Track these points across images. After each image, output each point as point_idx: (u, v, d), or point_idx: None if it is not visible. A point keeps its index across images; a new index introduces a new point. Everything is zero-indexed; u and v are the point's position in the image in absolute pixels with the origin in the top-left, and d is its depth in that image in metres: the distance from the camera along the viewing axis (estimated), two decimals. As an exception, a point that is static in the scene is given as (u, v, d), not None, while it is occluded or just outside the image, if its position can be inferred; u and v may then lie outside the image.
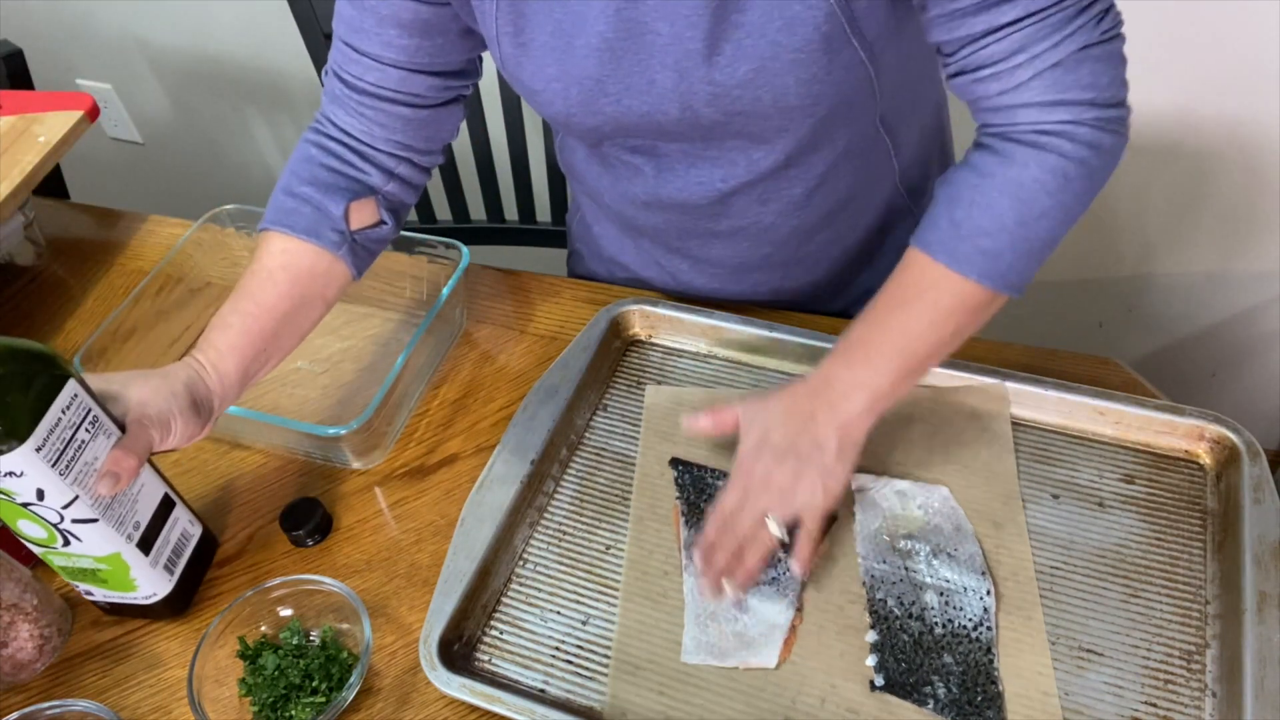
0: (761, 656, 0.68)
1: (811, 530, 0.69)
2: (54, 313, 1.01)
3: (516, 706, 0.64)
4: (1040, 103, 0.64)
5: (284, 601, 0.71)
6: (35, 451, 0.60)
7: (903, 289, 0.70)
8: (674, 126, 0.75)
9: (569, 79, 0.74)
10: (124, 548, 0.68)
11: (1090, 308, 1.63)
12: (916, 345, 0.69)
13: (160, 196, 2.16)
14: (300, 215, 0.77)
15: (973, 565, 0.70)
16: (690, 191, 0.82)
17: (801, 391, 0.71)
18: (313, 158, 0.80)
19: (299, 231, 0.77)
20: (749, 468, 0.70)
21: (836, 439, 0.69)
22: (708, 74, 0.70)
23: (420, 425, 0.86)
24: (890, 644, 0.67)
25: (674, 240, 0.90)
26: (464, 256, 0.89)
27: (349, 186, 0.79)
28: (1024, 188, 0.65)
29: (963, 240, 0.66)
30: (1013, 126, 0.66)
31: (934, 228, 0.68)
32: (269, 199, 0.79)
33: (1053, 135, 0.65)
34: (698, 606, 0.71)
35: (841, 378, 0.70)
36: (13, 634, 0.71)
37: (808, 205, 0.83)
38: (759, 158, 0.78)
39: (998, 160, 0.66)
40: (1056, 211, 0.66)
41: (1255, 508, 0.69)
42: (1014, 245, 0.66)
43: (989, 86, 0.66)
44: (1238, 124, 1.31)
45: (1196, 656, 0.66)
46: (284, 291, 0.76)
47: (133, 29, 1.83)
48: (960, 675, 0.65)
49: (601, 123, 0.77)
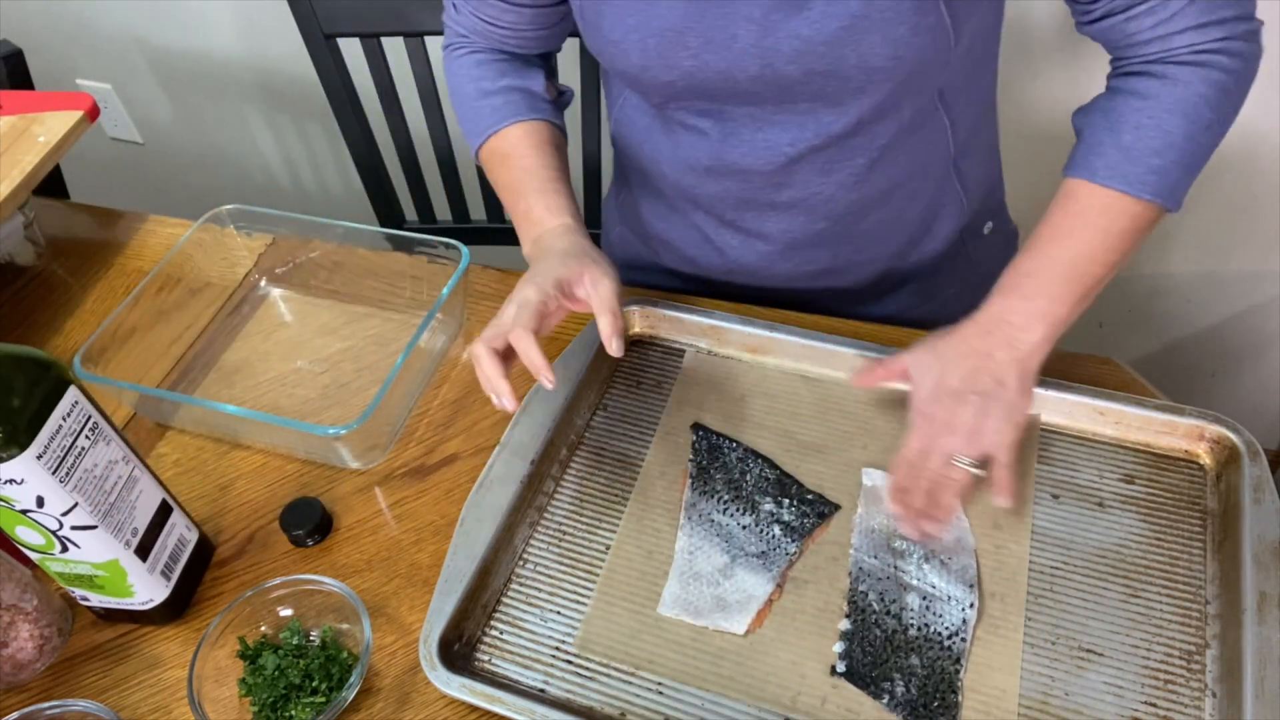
0: (732, 623, 0.69)
1: (1008, 462, 0.70)
2: (54, 313, 1.01)
3: (516, 706, 0.64)
4: (1196, 25, 0.68)
5: (284, 601, 0.71)
6: (36, 459, 0.60)
7: (1070, 218, 0.72)
8: (749, 85, 0.75)
9: (648, 30, 0.74)
10: (122, 554, 0.68)
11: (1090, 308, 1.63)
12: (1092, 269, 0.71)
13: (160, 196, 2.16)
14: (512, 106, 0.86)
15: (963, 577, 0.70)
16: (755, 156, 0.82)
17: (972, 332, 0.73)
18: (483, 61, 0.88)
19: (524, 117, 0.86)
20: (930, 412, 0.72)
21: (1017, 372, 0.71)
22: (795, 28, 0.70)
23: (420, 425, 0.86)
24: (861, 635, 0.67)
25: (729, 212, 0.90)
26: (464, 256, 0.89)
27: (531, 68, 0.89)
28: (1190, 104, 0.69)
29: (1134, 163, 0.70)
30: (1169, 53, 0.70)
31: (1099, 154, 0.71)
32: (460, 110, 0.88)
33: (1211, 53, 0.69)
34: (684, 565, 0.72)
35: (1018, 310, 0.72)
36: (13, 634, 0.71)
37: (868, 179, 0.83)
38: (829, 121, 0.77)
39: (1160, 83, 0.70)
40: (1217, 124, 0.70)
41: (1255, 508, 0.69)
42: (1181, 160, 0.70)
43: (1142, 22, 0.69)
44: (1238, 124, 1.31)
45: (1196, 656, 0.66)
46: (552, 159, 0.85)
47: (133, 29, 1.83)
48: (923, 679, 0.65)
49: (676, 78, 0.77)
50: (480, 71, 0.88)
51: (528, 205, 0.83)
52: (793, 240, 0.90)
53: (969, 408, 0.70)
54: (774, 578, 0.71)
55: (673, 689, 0.67)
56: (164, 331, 0.92)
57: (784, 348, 0.85)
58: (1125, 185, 0.70)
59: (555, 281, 0.73)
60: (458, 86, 0.89)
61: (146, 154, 2.09)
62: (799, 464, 0.78)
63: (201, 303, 0.96)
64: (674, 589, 0.71)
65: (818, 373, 0.85)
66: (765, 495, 0.76)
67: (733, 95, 0.77)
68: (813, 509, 0.75)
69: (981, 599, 0.69)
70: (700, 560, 0.73)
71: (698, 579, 0.72)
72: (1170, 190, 0.70)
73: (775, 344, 0.85)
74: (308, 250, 0.98)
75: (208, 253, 0.96)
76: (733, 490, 0.76)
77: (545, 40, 0.90)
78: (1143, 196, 0.70)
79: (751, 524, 0.74)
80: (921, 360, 0.74)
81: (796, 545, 0.73)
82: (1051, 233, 0.73)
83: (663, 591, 0.71)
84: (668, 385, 0.85)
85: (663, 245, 0.99)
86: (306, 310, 0.98)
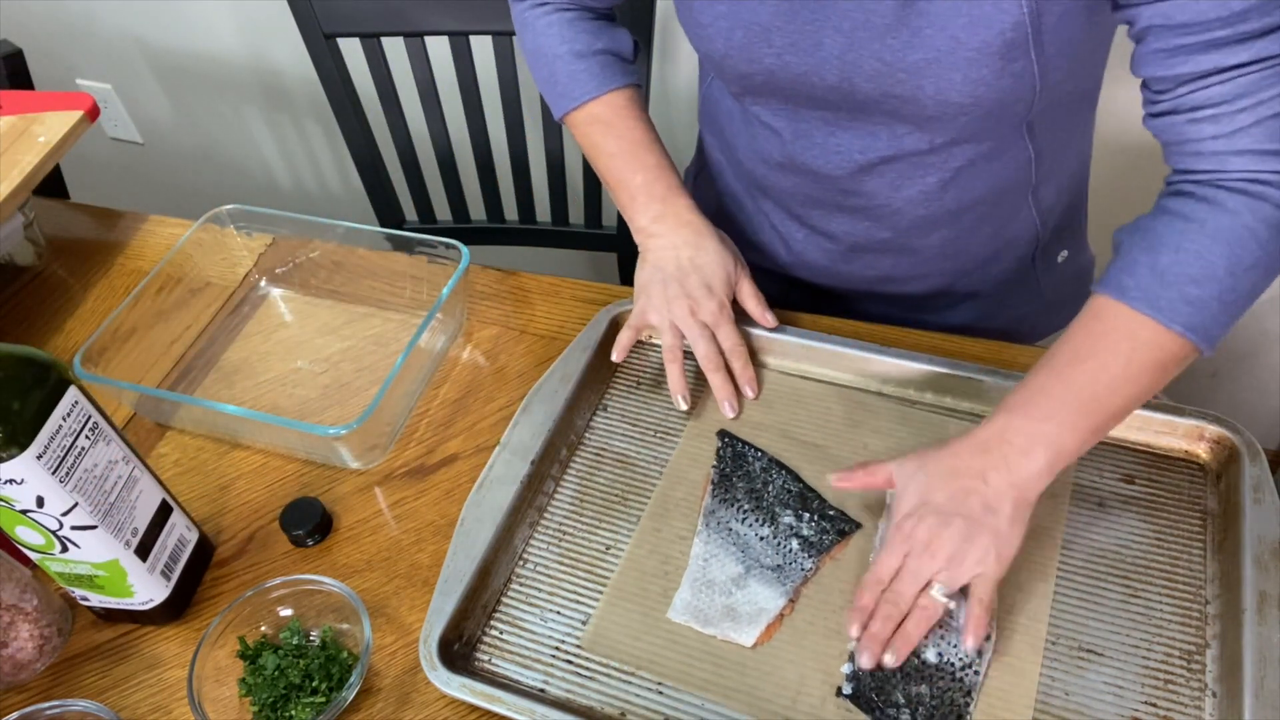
0: (741, 634, 0.68)
1: (984, 599, 0.64)
2: (54, 313, 1.01)
3: (516, 706, 0.64)
4: (1257, 150, 0.62)
5: (284, 601, 0.71)
6: (36, 459, 0.60)
7: (1092, 338, 0.65)
8: (826, 93, 0.75)
9: (736, 20, 0.74)
10: (122, 554, 0.68)
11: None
12: (1107, 400, 0.64)
13: (160, 196, 2.16)
14: (612, 69, 0.87)
15: None
16: (826, 160, 0.81)
17: (968, 449, 0.66)
18: (574, 20, 0.88)
19: (622, 80, 0.87)
20: (909, 530, 0.66)
21: (1011, 501, 0.64)
22: (878, 51, 0.69)
23: (420, 425, 0.86)
24: None
25: (797, 206, 0.90)
26: (464, 256, 0.89)
27: (617, 30, 0.89)
28: (1236, 235, 0.62)
29: (1168, 287, 0.63)
30: (1223, 174, 0.64)
31: (1131, 273, 0.64)
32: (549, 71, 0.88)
33: (1266, 185, 0.62)
34: (698, 571, 0.72)
35: (1021, 431, 0.65)
36: (13, 634, 0.71)
37: (939, 199, 0.82)
38: (903, 135, 0.76)
39: (1207, 207, 0.64)
40: (1266, 262, 0.63)
41: (1255, 508, 0.69)
42: (1221, 296, 0.63)
43: (1203, 129, 0.63)
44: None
45: (1196, 656, 0.66)
46: (653, 129, 0.88)
47: (133, 29, 1.83)
48: (931, 708, 0.64)
49: (755, 72, 0.76)
50: (573, 31, 0.87)
51: (647, 179, 0.86)
52: (856, 243, 0.89)
53: (953, 531, 0.64)
54: (787, 592, 0.70)
55: (673, 689, 0.66)
56: (164, 331, 0.92)
57: (785, 349, 0.85)
58: (1153, 311, 0.63)
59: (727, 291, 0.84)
60: (546, 46, 0.88)
61: (146, 154, 2.09)
62: (822, 478, 0.77)
63: (201, 303, 0.96)
64: (685, 595, 0.71)
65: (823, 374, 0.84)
66: (786, 508, 0.75)
67: (809, 99, 0.77)
68: (833, 526, 0.74)
69: (1000, 631, 0.67)
70: (714, 568, 0.72)
71: (710, 587, 0.71)
72: (1204, 327, 0.62)
73: (775, 345, 0.85)
74: (308, 250, 0.98)
75: (208, 253, 0.96)
76: (754, 500, 0.76)
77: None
78: (1173, 327, 0.62)
79: (769, 536, 0.74)
80: (908, 471, 0.68)
81: (813, 561, 0.72)
82: (1071, 350, 0.66)
83: (674, 596, 0.71)
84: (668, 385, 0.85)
85: (732, 228, 0.98)
86: (306, 310, 0.98)
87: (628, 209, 0.87)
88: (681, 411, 0.82)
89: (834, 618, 0.69)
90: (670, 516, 0.76)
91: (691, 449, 0.80)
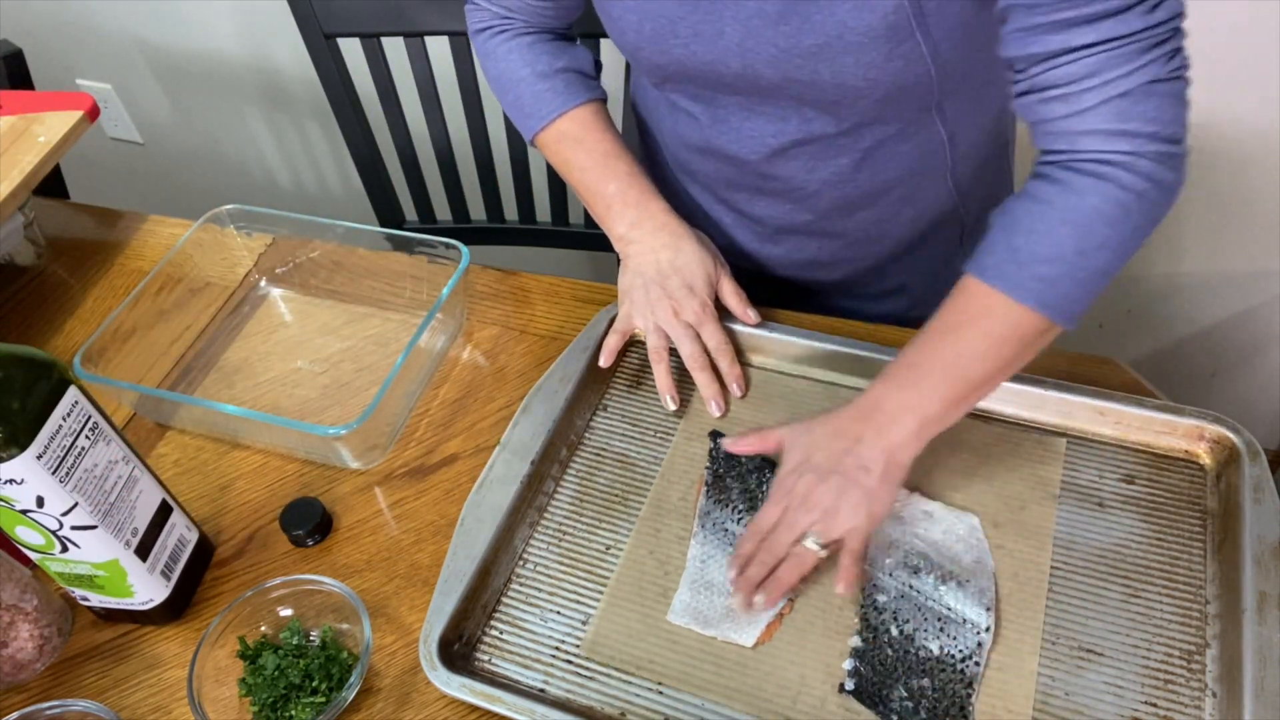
0: (741, 635, 0.69)
1: (856, 550, 0.68)
2: (54, 313, 1.01)
3: (516, 706, 0.64)
4: (1104, 131, 0.64)
5: (284, 601, 0.71)
6: (36, 459, 0.60)
7: (956, 314, 0.69)
8: (734, 80, 0.77)
9: (644, 13, 0.76)
10: (122, 554, 0.68)
11: (1090, 308, 1.63)
12: (968, 371, 0.68)
13: (160, 196, 2.16)
14: (575, 86, 0.88)
15: (980, 600, 0.69)
16: (741, 144, 0.83)
17: (848, 415, 0.70)
18: (531, 44, 0.89)
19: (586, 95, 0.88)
20: (790, 485, 0.70)
21: (883, 462, 0.68)
22: (773, 38, 0.72)
23: (420, 425, 0.86)
24: (872, 654, 0.67)
25: (722, 190, 0.92)
26: (464, 256, 0.89)
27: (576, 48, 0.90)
28: (1084, 216, 0.65)
29: (1021, 267, 0.66)
30: (1074, 154, 0.66)
31: (990, 253, 0.68)
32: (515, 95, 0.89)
33: (1113, 166, 0.64)
34: (696, 573, 0.72)
35: (891, 399, 0.69)
36: (13, 634, 0.71)
37: (853, 179, 0.84)
38: (811, 118, 0.79)
39: (1058, 189, 0.66)
40: (1115, 243, 0.65)
41: (1255, 508, 0.69)
42: (1072, 274, 0.65)
43: (1054, 108, 0.65)
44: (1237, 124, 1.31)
45: (1196, 656, 0.66)
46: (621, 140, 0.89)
47: (133, 29, 1.83)
48: (933, 701, 0.64)
49: (667, 63, 0.79)
50: (534, 54, 0.89)
51: (620, 187, 0.87)
52: (781, 226, 0.91)
53: (829, 487, 0.68)
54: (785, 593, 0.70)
55: (673, 690, 0.66)
56: (164, 331, 0.92)
57: (783, 348, 0.85)
58: (1008, 288, 0.66)
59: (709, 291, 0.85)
60: (509, 70, 0.90)
61: (146, 154, 2.09)
62: None
63: (201, 303, 0.96)
64: (684, 597, 0.71)
65: (815, 373, 0.85)
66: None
67: (721, 85, 0.79)
68: None
69: (998, 623, 0.68)
70: (712, 569, 0.72)
71: (709, 588, 0.71)
72: (1058, 304, 0.66)
73: (774, 344, 0.85)
74: (308, 250, 0.98)
75: (208, 253, 0.96)
76: (748, 500, 0.76)
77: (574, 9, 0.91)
78: (1025, 303, 0.66)
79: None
80: (795, 435, 0.72)
81: None
82: (939, 325, 0.70)
83: (673, 599, 0.71)
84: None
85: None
86: (306, 310, 0.98)
87: (604, 218, 0.89)
88: (673, 411, 0.82)
89: (834, 616, 0.69)
90: (668, 518, 0.76)
91: (685, 449, 0.80)
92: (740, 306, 0.85)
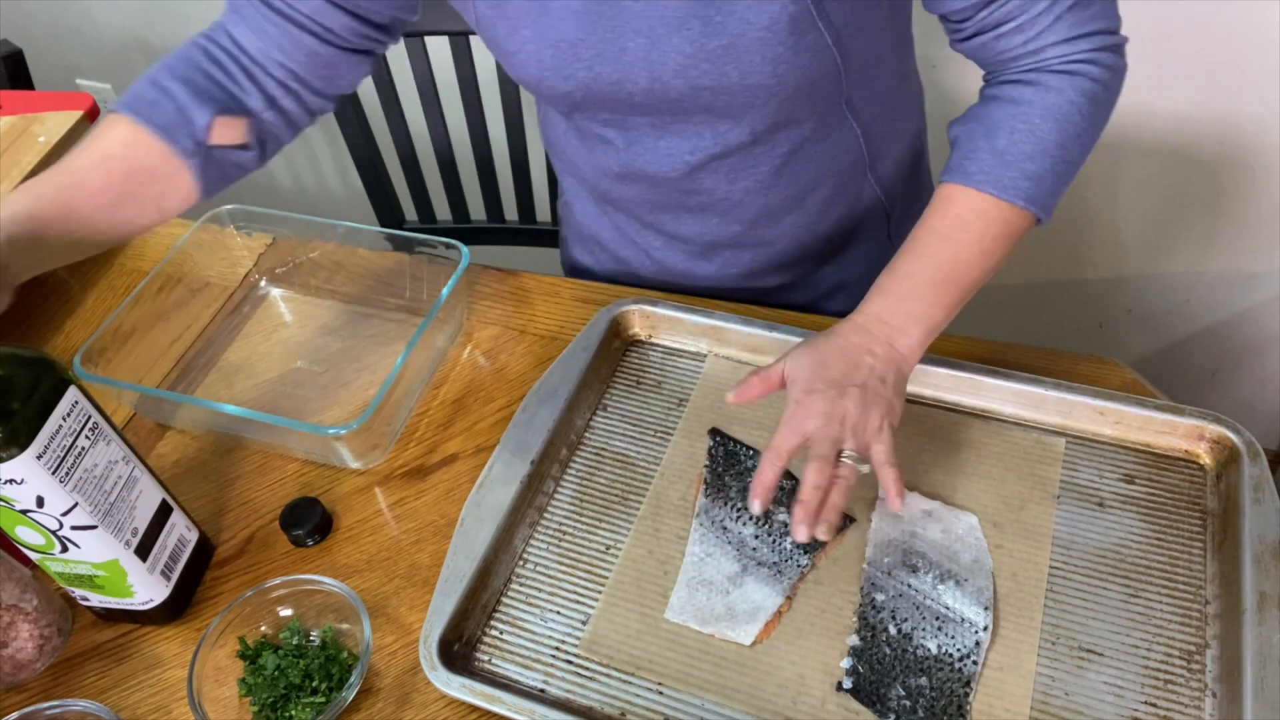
0: (739, 633, 0.69)
1: (890, 460, 0.67)
2: (54, 313, 1.01)
3: (516, 706, 0.64)
4: (1066, 39, 0.69)
5: (284, 601, 0.71)
6: (36, 459, 0.60)
7: (946, 221, 0.71)
8: (642, 97, 0.76)
9: (543, 41, 0.74)
10: (122, 554, 0.68)
11: (1090, 308, 1.63)
12: (967, 274, 0.70)
13: (160, 196, 2.16)
14: (160, 110, 0.73)
15: (978, 599, 0.69)
16: (660, 164, 0.83)
17: (850, 331, 0.71)
18: (195, 60, 0.77)
19: (154, 126, 0.73)
20: (810, 405, 0.68)
21: (895, 372, 0.69)
22: (678, 44, 0.71)
23: (420, 425, 0.86)
24: (870, 652, 0.67)
25: (646, 214, 0.91)
26: (464, 256, 0.89)
27: (224, 99, 0.76)
28: (1062, 111, 0.69)
29: (1009, 168, 0.69)
30: (1041, 64, 0.70)
31: (973, 160, 0.70)
32: (132, 85, 0.75)
33: (1081, 63, 0.70)
34: (694, 571, 0.72)
35: (895, 312, 0.70)
36: (13, 634, 0.71)
37: (775, 185, 0.84)
38: (725, 130, 0.78)
39: (1033, 90, 0.70)
40: (1089, 133, 0.70)
41: (1255, 508, 0.69)
42: (1054, 168, 0.70)
43: (1011, 40, 0.70)
44: (1238, 124, 1.31)
45: (1196, 656, 0.66)
46: (114, 182, 0.73)
47: (133, 29, 1.83)
48: (931, 699, 0.64)
49: (573, 89, 0.77)
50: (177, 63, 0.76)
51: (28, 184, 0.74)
52: (710, 242, 0.91)
53: (850, 400, 0.67)
54: (784, 590, 0.70)
55: (673, 689, 0.67)
56: (164, 331, 0.92)
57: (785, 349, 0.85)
58: (999, 190, 0.69)
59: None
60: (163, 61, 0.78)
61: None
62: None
63: (201, 303, 0.96)
64: (682, 595, 0.71)
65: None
66: (780, 505, 0.75)
67: (630, 106, 0.78)
68: None
69: (996, 623, 0.68)
70: (710, 567, 0.72)
71: (707, 586, 0.71)
72: (1043, 199, 0.70)
73: (776, 344, 0.85)
74: (308, 250, 0.98)
75: (208, 253, 0.96)
76: (747, 498, 0.76)
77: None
78: (1016, 202, 0.69)
79: (764, 534, 0.74)
80: (799, 359, 0.71)
81: (809, 558, 0.72)
82: (928, 234, 0.72)
83: (671, 597, 0.71)
84: (668, 386, 0.85)
85: (598, 246, 1.01)
86: (306, 310, 0.98)
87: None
88: (677, 410, 0.82)
89: (833, 614, 0.69)
90: (667, 517, 0.76)
91: (685, 449, 0.80)
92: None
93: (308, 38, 0.76)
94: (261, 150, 0.80)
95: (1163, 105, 1.32)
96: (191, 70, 0.76)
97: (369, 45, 0.81)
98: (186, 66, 0.76)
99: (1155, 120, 1.34)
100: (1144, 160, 1.39)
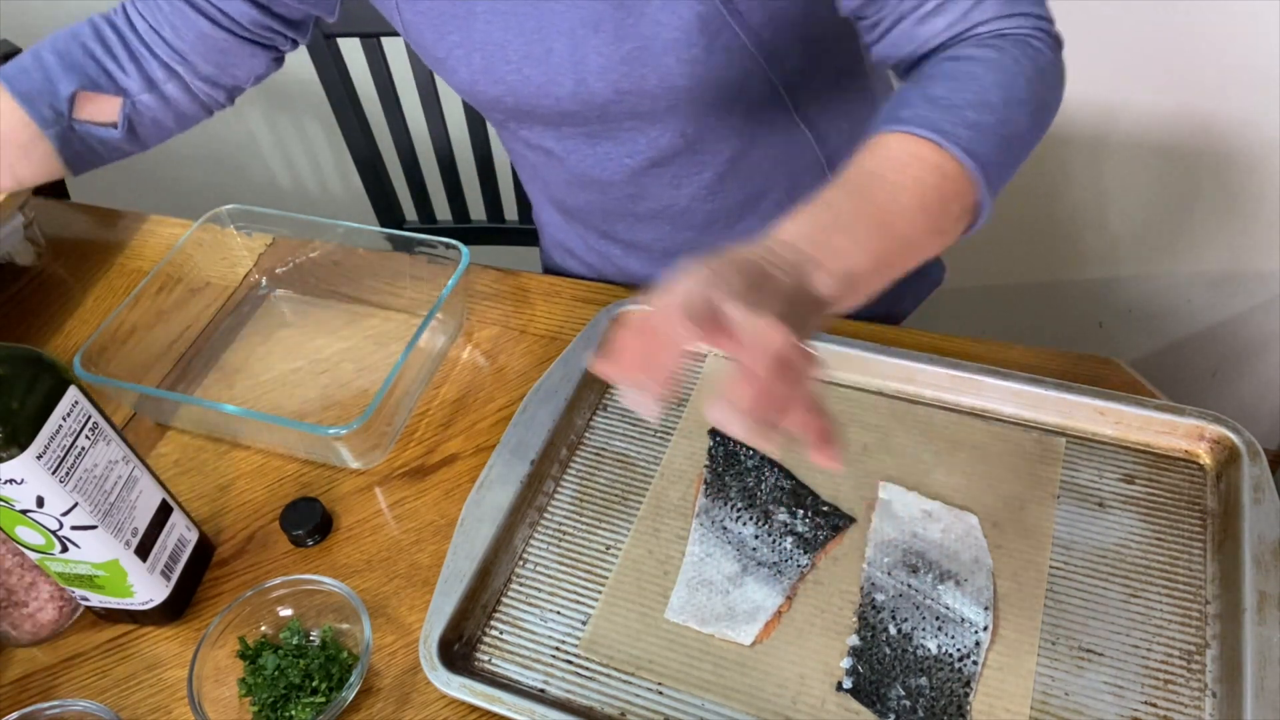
0: (739, 633, 0.68)
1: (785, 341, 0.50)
2: (54, 313, 1.01)
3: (516, 706, 0.64)
4: (998, 15, 0.64)
5: (284, 601, 0.71)
6: (36, 459, 0.60)
7: (876, 158, 0.58)
8: (569, 103, 0.75)
9: (471, 44, 0.74)
10: (122, 554, 0.68)
11: (1090, 308, 1.63)
12: (900, 226, 0.56)
13: (160, 196, 2.16)
14: (28, 78, 0.74)
15: (978, 599, 0.69)
16: (601, 167, 0.82)
17: (749, 250, 0.53)
18: (80, 35, 0.77)
19: (16, 93, 0.73)
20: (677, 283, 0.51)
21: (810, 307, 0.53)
22: (598, 46, 0.70)
23: (420, 425, 0.86)
24: (870, 652, 0.67)
25: (601, 223, 0.91)
26: (464, 256, 0.89)
27: (94, 74, 0.76)
28: (1006, 68, 0.62)
29: (946, 111, 0.58)
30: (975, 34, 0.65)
31: (907, 106, 0.60)
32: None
33: (1019, 34, 0.64)
34: (694, 571, 0.72)
35: (814, 241, 0.53)
36: (34, 594, 0.71)
37: (721, 190, 0.82)
38: (656, 136, 0.78)
39: (977, 50, 0.63)
40: (1033, 103, 0.62)
41: (1255, 508, 0.69)
42: (998, 127, 0.59)
43: (935, 23, 0.64)
44: (1238, 124, 1.31)
45: (1196, 656, 0.66)
46: None
47: (133, 29, 1.83)
48: (931, 699, 0.64)
49: (502, 93, 0.76)
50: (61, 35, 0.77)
51: None
52: (666, 249, 0.90)
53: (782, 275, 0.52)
54: (784, 589, 0.70)
55: (673, 690, 0.67)
56: (164, 331, 0.92)
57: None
58: (935, 134, 0.57)
59: None
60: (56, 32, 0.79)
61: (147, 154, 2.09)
62: (815, 474, 0.77)
63: (201, 303, 0.96)
64: (682, 594, 0.71)
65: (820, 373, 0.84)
66: (780, 505, 0.75)
67: (560, 115, 0.77)
68: (827, 521, 0.74)
69: (996, 623, 0.68)
70: (710, 567, 0.72)
71: (707, 586, 0.71)
72: (985, 159, 0.57)
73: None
74: (308, 250, 0.98)
75: (208, 253, 0.96)
76: (747, 498, 0.76)
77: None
78: (953, 151, 0.57)
79: (764, 534, 0.74)
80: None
81: (809, 558, 0.72)
82: (855, 171, 0.59)
83: (671, 597, 0.71)
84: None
85: (567, 253, 1.00)
86: (306, 310, 0.98)
87: None
88: (676, 410, 0.82)
89: (833, 614, 0.69)
90: (667, 517, 0.76)
91: (684, 449, 0.80)
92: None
93: (203, 21, 0.76)
94: (132, 132, 0.79)
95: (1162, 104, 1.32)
96: (72, 44, 0.76)
97: (270, 39, 0.79)
98: (69, 40, 0.77)
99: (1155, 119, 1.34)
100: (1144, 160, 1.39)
